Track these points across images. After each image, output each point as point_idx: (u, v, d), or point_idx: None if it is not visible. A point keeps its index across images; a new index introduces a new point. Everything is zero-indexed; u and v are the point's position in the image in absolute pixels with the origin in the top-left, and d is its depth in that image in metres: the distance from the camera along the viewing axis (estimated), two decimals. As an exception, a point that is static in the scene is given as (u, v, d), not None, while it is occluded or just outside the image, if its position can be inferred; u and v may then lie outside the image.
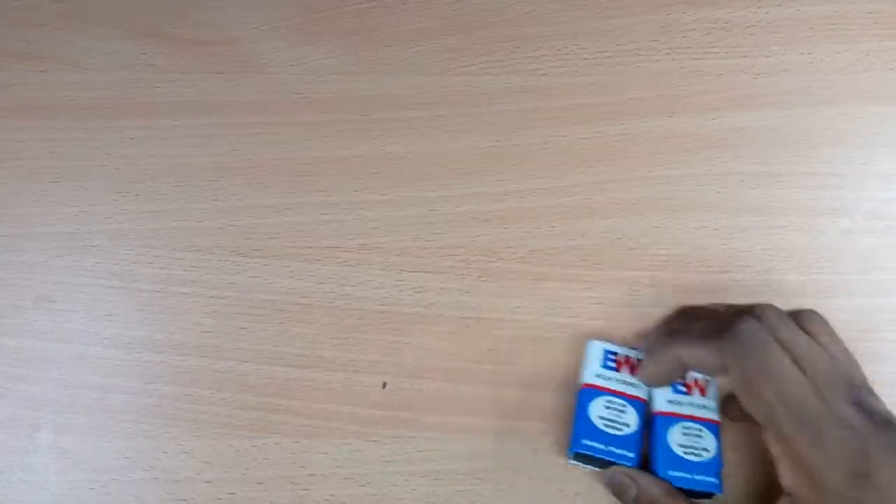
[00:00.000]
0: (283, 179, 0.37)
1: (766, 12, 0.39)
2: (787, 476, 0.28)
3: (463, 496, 0.34)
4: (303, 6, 0.39)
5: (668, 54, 0.39)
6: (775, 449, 0.28)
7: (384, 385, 0.35)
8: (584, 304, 0.36)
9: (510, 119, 0.38)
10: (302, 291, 0.36)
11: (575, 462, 0.33)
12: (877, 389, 0.35)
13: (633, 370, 0.33)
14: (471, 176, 0.37)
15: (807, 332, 0.30)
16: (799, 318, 0.31)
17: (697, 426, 0.32)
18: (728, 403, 0.33)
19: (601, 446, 0.32)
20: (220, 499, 0.34)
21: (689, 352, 0.31)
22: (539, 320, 0.36)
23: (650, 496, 0.31)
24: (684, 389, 0.33)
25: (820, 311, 0.36)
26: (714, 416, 0.32)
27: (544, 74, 0.38)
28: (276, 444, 0.35)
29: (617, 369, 0.33)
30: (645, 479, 0.32)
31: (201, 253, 0.36)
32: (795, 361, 0.29)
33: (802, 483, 0.27)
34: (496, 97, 0.38)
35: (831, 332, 0.31)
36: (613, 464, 0.32)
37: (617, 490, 0.32)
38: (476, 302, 0.36)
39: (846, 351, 0.30)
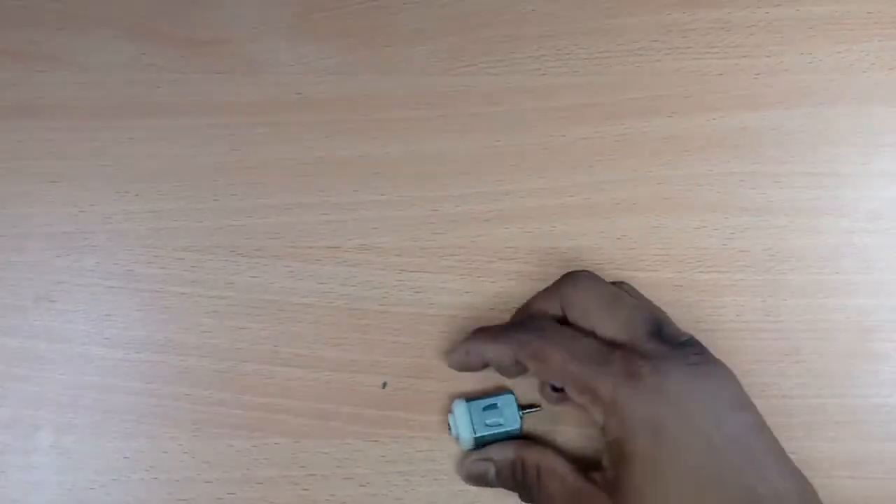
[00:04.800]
0: (283, 179, 0.37)
1: (766, 12, 0.39)
2: (597, 417, 0.29)
3: (463, 496, 0.34)
4: (303, 6, 0.39)
5: (668, 54, 0.39)
6: (579, 399, 0.29)
7: (384, 385, 0.35)
8: (584, 304, 0.36)
9: (510, 119, 0.38)
10: (302, 291, 0.36)
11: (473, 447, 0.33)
12: (877, 389, 0.35)
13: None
14: (471, 176, 0.37)
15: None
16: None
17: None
18: (543, 391, 0.34)
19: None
20: (220, 499, 0.34)
21: (488, 349, 0.32)
22: (539, 320, 0.36)
23: (506, 459, 0.32)
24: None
25: (820, 311, 0.36)
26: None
27: (544, 74, 0.38)
28: (276, 444, 0.35)
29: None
30: (494, 450, 0.33)
31: (201, 253, 0.36)
32: (578, 321, 0.31)
33: (608, 418, 0.28)
34: (496, 97, 0.38)
35: (636, 290, 0.33)
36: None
37: (478, 479, 0.33)
38: (476, 302, 0.36)
39: (656, 306, 0.32)
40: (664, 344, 0.29)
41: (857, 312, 0.36)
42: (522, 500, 0.32)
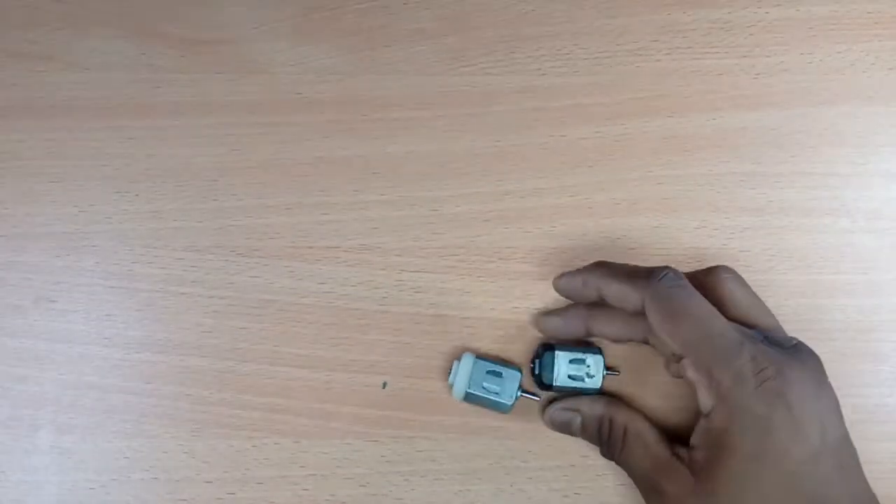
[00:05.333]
0: (283, 179, 0.37)
1: (766, 12, 0.39)
2: (705, 400, 0.29)
3: (463, 496, 0.34)
4: (303, 6, 0.39)
5: (668, 54, 0.39)
6: (694, 377, 0.29)
7: (384, 385, 0.35)
8: (584, 304, 0.36)
9: (510, 119, 0.38)
10: (302, 291, 0.36)
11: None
12: (877, 390, 0.35)
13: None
14: (471, 176, 0.37)
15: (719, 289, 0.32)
16: (711, 273, 0.33)
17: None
18: (668, 366, 0.34)
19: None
20: (220, 499, 0.34)
21: (612, 286, 0.32)
22: (539, 320, 0.36)
23: (594, 414, 0.33)
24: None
25: (820, 311, 0.36)
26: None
27: (544, 74, 0.38)
28: (276, 444, 0.35)
29: None
30: (583, 403, 0.33)
31: (201, 253, 0.36)
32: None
33: (719, 406, 0.29)
34: (496, 97, 0.38)
35: (740, 280, 0.32)
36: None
37: (561, 427, 0.34)
38: (476, 302, 0.36)
39: (758, 299, 0.32)
40: (782, 348, 0.29)
41: (857, 312, 0.36)
42: (603, 455, 0.33)
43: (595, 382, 0.33)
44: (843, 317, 0.36)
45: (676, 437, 0.32)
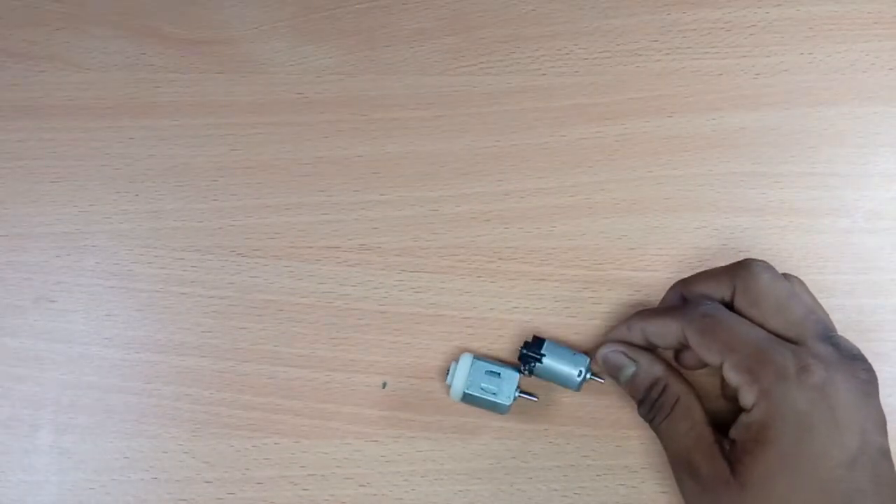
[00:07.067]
0: (283, 179, 0.37)
1: (766, 12, 0.39)
2: (747, 397, 0.29)
3: (463, 496, 0.34)
4: (303, 6, 0.39)
5: (668, 54, 0.39)
6: (735, 378, 0.29)
7: (384, 385, 0.35)
8: (584, 304, 0.36)
9: (510, 119, 0.38)
10: (302, 291, 0.36)
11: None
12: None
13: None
14: (471, 176, 0.37)
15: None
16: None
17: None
18: (681, 354, 0.34)
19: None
20: (220, 499, 0.34)
21: (651, 325, 0.32)
22: (539, 320, 0.36)
23: (651, 372, 0.32)
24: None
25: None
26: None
27: (544, 74, 0.38)
28: (276, 444, 0.35)
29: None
30: (644, 357, 0.33)
31: (201, 253, 0.36)
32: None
33: (760, 401, 0.28)
34: (496, 97, 0.38)
35: (807, 289, 0.32)
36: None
37: (612, 368, 0.33)
38: (476, 302, 0.36)
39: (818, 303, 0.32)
40: (837, 351, 0.29)
41: (857, 312, 0.36)
42: (640, 413, 0.33)
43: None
44: (843, 317, 0.36)
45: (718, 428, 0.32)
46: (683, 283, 0.34)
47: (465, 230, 0.37)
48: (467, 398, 0.33)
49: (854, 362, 0.29)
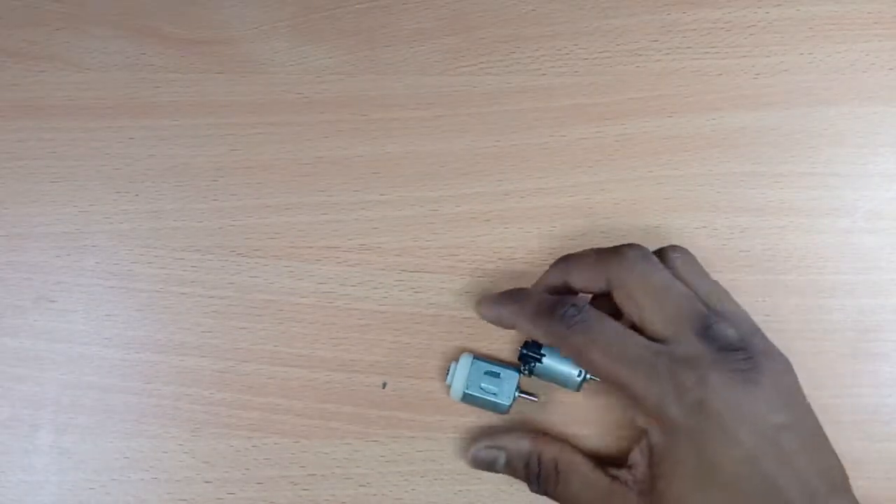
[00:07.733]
0: (283, 179, 0.37)
1: (766, 12, 0.39)
2: (640, 419, 0.29)
3: (463, 496, 0.34)
4: (303, 6, 0.39)
5: (668, 54, 0.39)
6: (626, 402, 0.29)
7: (384, 385, 0.35)
8: (584, 304, 0.36)
9: (510, 119, 0.38)
10: (302, 291, 0.36)
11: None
12: (877, 390, 0.35)
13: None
14: (471, 176, 0.37)
15: (671, 269, 0.31)
16: (663, 255, 0.32)
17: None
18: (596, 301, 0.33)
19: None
20: (220, 499, 0.34)
21: (578, 273, 0.31)
22: (539, 320, 0.36)
23: (519, 450, 0.32)
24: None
25: (820, 311, 0.36)
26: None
27: (544, 74, 0.38)
28: (276, 444, 0.35)
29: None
30: (507, 439, 0.33)
31: (201, 253, 0.36)
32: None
33: (652, 425, 0.29)
34: (496, 97, 0.38)
35: (693, 263, 0.32)
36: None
37: (485, 465, 0.33)
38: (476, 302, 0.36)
39: (713, 283, 0.32)
40: (710, 346, 0.28)
41: (857, 312, 0.36)
42: (532, 490, 0.32)
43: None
44: (843, 317, 0.36)
45: (608, 460, 0.32)
46: (565, 268, 0.32)
47: (465, 230, 0.37)
48: (467, 398, 0.33)
49: (728, 354, 0.28)
